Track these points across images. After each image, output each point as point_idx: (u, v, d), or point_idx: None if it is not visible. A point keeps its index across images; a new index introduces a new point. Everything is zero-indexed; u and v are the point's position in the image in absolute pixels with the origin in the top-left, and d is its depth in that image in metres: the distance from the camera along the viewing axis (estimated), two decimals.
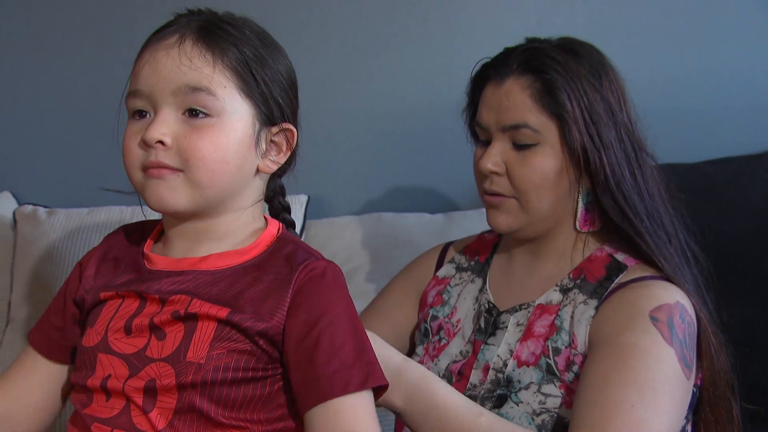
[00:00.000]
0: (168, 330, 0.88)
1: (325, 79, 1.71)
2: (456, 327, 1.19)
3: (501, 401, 1.07)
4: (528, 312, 1.12)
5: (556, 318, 1.09)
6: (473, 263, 1.25)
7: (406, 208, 1.71)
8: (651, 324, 1.00)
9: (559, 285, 1.12)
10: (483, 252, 1.26)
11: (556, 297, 1.12)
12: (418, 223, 1.66)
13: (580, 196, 1.11)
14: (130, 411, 0.87)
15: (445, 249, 1.31)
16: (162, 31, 0.90)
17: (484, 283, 1.21)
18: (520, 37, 1.16)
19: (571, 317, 1.08)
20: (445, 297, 1.24)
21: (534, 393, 1.06)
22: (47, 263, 1.58)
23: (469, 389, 1.11)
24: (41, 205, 1.69)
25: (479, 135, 1.17)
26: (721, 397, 1.09)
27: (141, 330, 0.89)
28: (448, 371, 1.15)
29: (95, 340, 0.91)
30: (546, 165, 1.09)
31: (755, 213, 1.45)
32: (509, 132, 1.10)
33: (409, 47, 1.73)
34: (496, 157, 1.11)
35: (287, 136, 0.95)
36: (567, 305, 1.10)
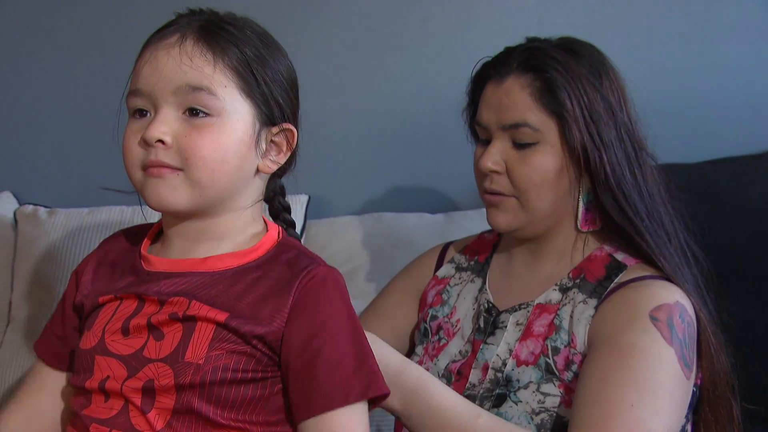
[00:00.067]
0: (166, 330, 0.88)
1: (325, 79, 1.71)
2: (455, 327, 1.19)
3: (500, 401, 1.07)
4: (527, 311, 1.12)
5: (555, 317, 1.09)
6: (473, 263, 1.25)
7: (406, 208, 1.71)
8: (651, 324, 1.00)
9: (559, 284, 1.12)
10: (483, 252, 1.26)
11: (555, 296, 1.12)
12: (418, 223, 1.66)
13: (580, 195, 1.12)
14: (128, 411, 0.87)
15: (445, 249, 1.31)
16: (163, 31, 0.90)
17: (483, 283, 1.21)
18: (520, 37, 1.16)
19: (571, 317, 1.08)
20: (445, 297, 1.24)
21: (533, 392, 1.06)
22: (48, 263, 1.57)
23: (469, 389, 1.11)
24: (42, 205, 1.69)
25: (479, 134, 1.17)
26: (721, 397, 1.09)
27: (139, 330, 0.89)
28: (447, 371, 1.15)
29: (92, 342, 0.91)
30: (546, 164, 1.09)
31: (755, 213, 1.44)
32: (509, 131, 1.10)
33: (409, 47, 1.72)
34: (496, 156, 1.11)
35: (287, 136, 0.94)
36: (566, 305, 1.10)
